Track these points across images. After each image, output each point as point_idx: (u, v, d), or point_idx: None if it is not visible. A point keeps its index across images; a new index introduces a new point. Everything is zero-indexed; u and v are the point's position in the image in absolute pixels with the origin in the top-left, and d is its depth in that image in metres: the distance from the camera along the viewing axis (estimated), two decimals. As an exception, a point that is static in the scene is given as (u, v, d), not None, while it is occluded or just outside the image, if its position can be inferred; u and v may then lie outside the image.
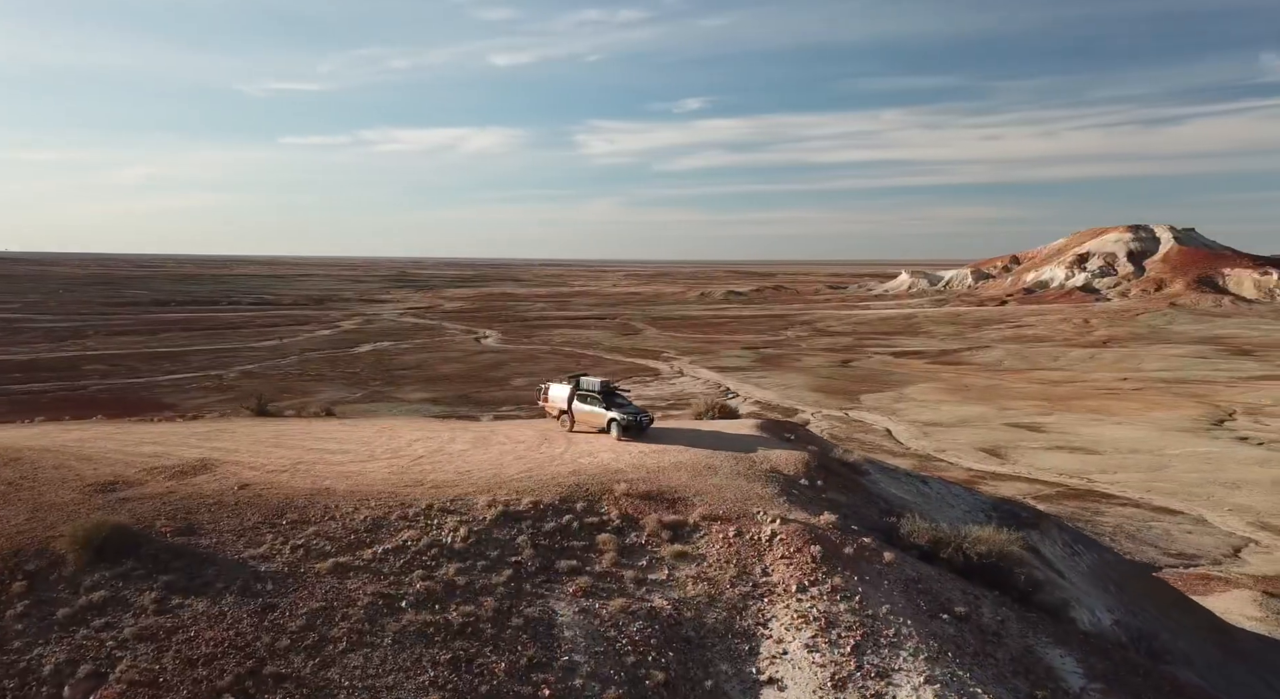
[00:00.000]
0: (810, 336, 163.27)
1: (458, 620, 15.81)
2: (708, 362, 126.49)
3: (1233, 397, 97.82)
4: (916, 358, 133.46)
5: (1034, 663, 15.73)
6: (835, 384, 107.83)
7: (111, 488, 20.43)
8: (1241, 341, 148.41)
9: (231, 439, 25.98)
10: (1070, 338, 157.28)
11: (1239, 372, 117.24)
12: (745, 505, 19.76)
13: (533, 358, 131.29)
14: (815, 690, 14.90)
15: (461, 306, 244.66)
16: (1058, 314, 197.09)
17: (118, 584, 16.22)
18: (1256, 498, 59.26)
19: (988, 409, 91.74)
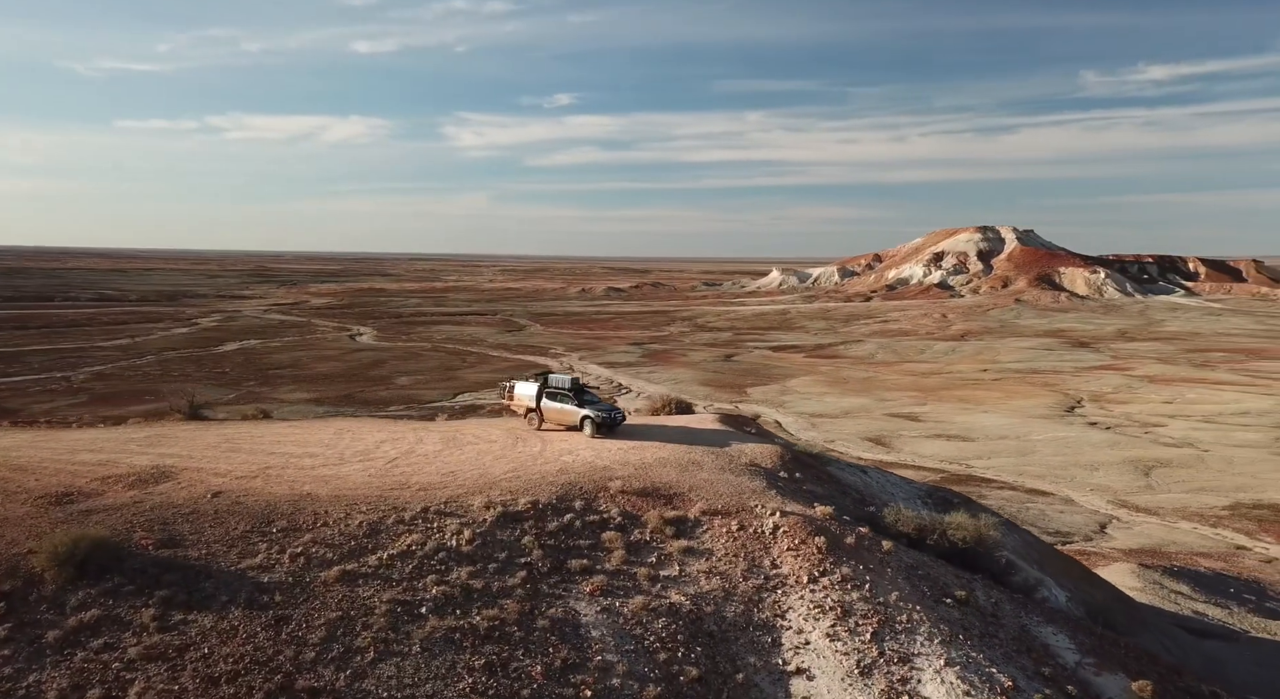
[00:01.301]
0: (692, 332, 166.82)
1: (483, 625, 15.58)
2: (597, 358, 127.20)
3: (1079, 385, 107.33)
4: (795, 352, 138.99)
5: (1031, 641, 17.04)
6: (722, 378, 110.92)
7: (67, 499, 19.19)
8: (1079, 334, 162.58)
9: (177, 445, 24.68)
10: (932, 331, 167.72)
11: (1080, 362, 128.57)
12: (740, 499, 20.07)
13: (414, 356, 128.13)
14: (843, 678, 15.36)
15: (330, 303, 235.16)
16: (918, 309, 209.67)
17: (108, 602, 15.31)
18: (1112, 478, 65.66)
19: (868, 400, 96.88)
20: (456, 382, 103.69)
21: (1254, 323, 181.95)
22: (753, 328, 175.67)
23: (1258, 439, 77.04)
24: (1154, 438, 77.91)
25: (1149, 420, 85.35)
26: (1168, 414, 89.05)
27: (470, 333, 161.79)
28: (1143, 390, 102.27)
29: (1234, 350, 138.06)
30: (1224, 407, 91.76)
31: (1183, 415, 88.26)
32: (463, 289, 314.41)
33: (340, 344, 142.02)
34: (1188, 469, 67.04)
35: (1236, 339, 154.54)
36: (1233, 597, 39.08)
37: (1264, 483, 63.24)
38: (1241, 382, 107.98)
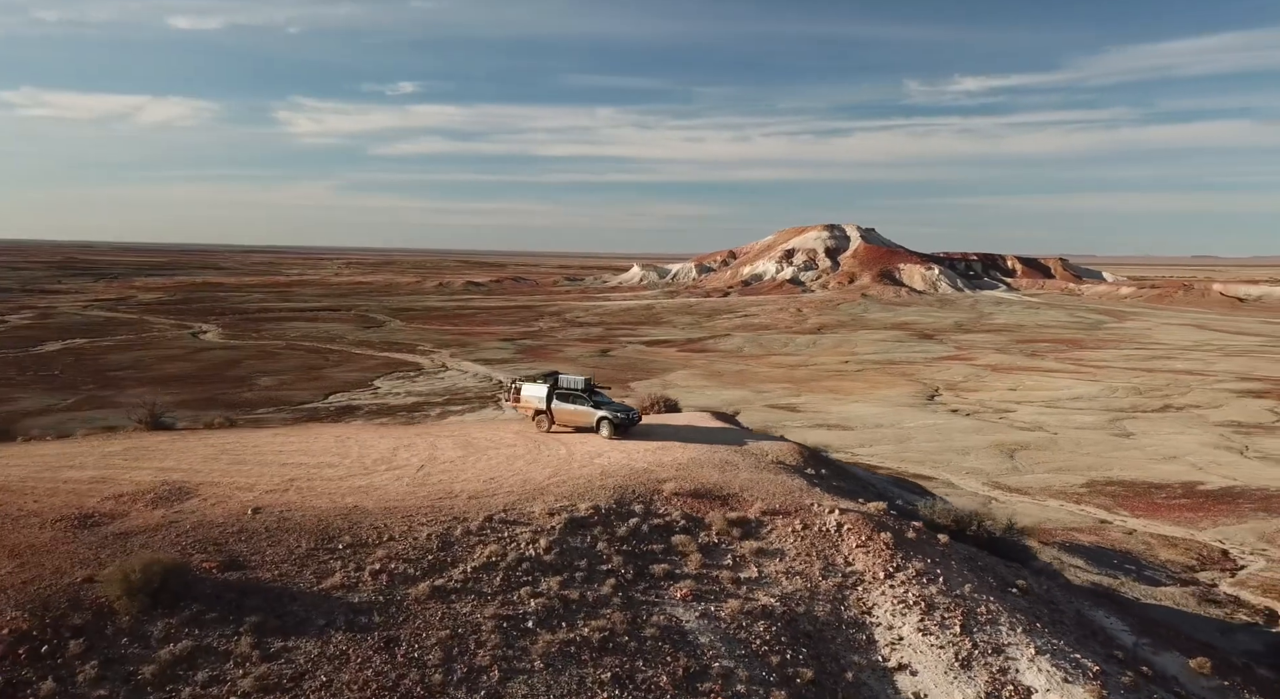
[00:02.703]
0: (563, 327, 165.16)
1: (595, 636, 15.18)
2: (470, 354, 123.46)
3: (933, 375, 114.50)
4: (668, 346, 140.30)
5: (1090, 625, 17.56)
6: (603, 374, 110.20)
7: (90, 522, 17.47)
8: (923, 327, 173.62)
9: (168, 457, 22.85)
10: (790, 325, 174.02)
11: (929, 353, 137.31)
12: (793, 498, 19.92)
13: (270, 355, 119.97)
14: (945, 671, 15.50)
15: (161, 298, 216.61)
16: (775, 304, 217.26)
17: (194, 631, 14.09)
18: (983, 461, 70.32)
19: (746, 392, 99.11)
20: (325, 381, 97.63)
21: (1067, 315, 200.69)
22: (622, 323, 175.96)
23: (1094, 421, 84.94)
24: (1009, 423, 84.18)
25: (1000, 407, 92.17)
26: (1014, 401, 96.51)
27: (327, 330, 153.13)
28: (989, 379, 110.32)
29: (1056, 341, 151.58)
30: (1060, 392, 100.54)
31: (1027, 401, 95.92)
32: (309, 283, 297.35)
33: (184, 343, 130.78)
34: (1044, 451, 72.83)
35: (1055, 330, 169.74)
36: (1116, 567, 42.65)
37: (1109, 461, 69.70)
38: (1069, 369, 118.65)
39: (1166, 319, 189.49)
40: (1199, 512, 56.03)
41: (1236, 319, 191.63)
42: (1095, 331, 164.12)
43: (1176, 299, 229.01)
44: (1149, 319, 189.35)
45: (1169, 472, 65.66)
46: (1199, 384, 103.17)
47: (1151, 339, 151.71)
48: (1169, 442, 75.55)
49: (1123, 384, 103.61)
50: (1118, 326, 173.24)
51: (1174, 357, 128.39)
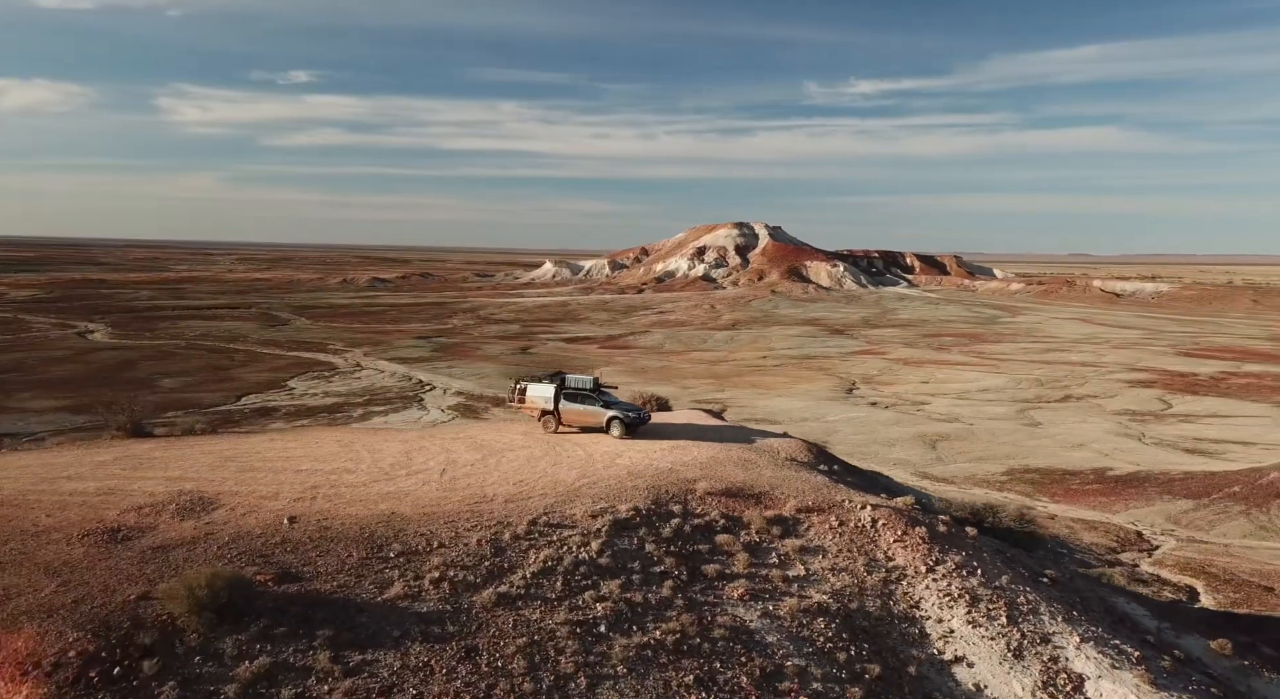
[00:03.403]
0: (479, 325, 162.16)
1: (668, 639, 15.13)
2: (384, 353, 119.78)
3: (848, 369, 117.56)
4: (588, 343, 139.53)
5: (1116, 612, 18.09)
6: (525, 371, 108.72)
7: (120, 535, 16.81)
8: (833, 322, 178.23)
9: (170, 466, 22.01)
10: (706, 322, 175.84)
11: (842, 348, 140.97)
12: (822, 494, 19.96)
13: (169, 355, 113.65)
14: (1001, 662, 15.74)
15: (38, 296, 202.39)
16: (689, 301, 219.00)
17: (268, 647, 13.61)
18: (908, 452, 72.53)
19: (672, 388, 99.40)
20: (234, 383, 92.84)
21: (965, 310, 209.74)
22: (538, 319, 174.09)
23: (1004, 412, 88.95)
24: (926, 415, 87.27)
25: (916, 399, 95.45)
26: (928, 393, 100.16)
27: (228, 328, 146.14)
28: (902, 372, 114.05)
29: (958, 335, 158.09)
30: (969, 384, 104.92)
31: (940, 394, 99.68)
32: (201, 280, 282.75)
33: (71, 343, 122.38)
34: (963, 441, 75.79)
35: (957, 325, 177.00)
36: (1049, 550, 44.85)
37: (1024, 450, 73.12)
38: (974, 362, 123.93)
39: (1055, 313, 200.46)
40: (1111, 496, 59.38)
41: (1115, 313, 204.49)
42: (993, 326, 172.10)
43: (1061, 294, 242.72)
44: (1039, 313, 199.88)
45: (1079, 459, 69.36)
46: (1094, 375, 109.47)
47: (1044, 332, 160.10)
48: (1074, 430, 79.82)
49: (1025, 376, 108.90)
50: (1012, 321, 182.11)
51: (1067, 349, 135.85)
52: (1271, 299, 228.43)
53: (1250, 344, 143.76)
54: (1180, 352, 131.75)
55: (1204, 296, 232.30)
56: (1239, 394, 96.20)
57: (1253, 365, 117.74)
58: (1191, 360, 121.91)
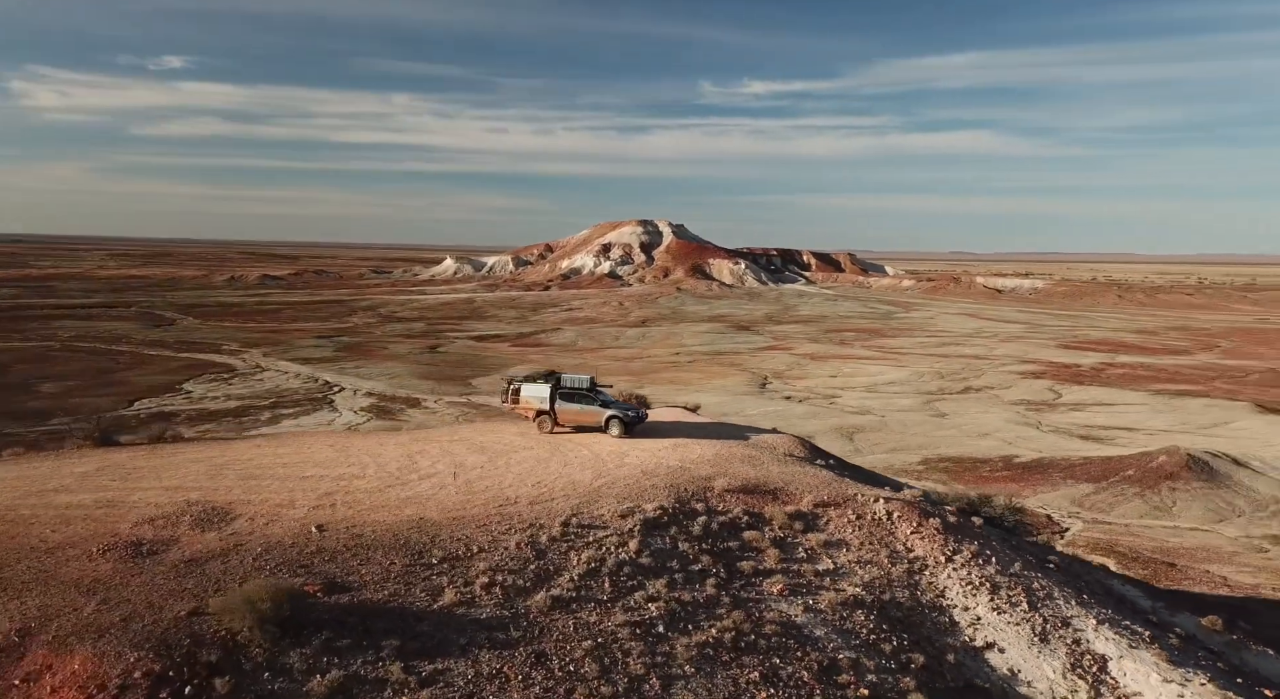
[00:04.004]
0: (382, 323, 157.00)
1: (726, 637, 15.15)
2: (285, 353, 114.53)
3: (759, 364, 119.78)
4: (499, 341, 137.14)
5: (1115, 593, 18.77)
6: (439, 371, 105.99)
7: (145, 549, 16.08)
8: (738, 319, 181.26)
9: (161, 476, 21.11)
10: (615, 319, 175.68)
11: (751, 343, 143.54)
12: (833, 488, 20.07)
13: (45, 358, 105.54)
14: (1030, 646, 16.15)
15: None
16: (597, 298, 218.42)
17: (335, 660, 13.17)
18: (828, 444, 73.18)
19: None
20: (124, 387, 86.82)
21: (862, 306, 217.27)
22: (444, 317, 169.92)
23: (912, 404, 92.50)
24: (840, 408, 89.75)
25: (827, 393, 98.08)
26: (837, 387, 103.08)
27: (107, 329, 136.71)
28: (810, 367, 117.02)
29: (859, 330, 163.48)
30: (876, 378, 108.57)
31: (849, 387, 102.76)
32: (70, 277, 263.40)
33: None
34: (878, 432, 78.30)
35: (855, 320, 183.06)
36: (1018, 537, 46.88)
37: (935, 440, 76.06)
38: (877, 356, 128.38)
39: (944, 309, 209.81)
40: (1019, 482, 62.43)
41: (999, 308, 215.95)
42: (889, 321, 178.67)
43: (949, 291, 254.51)
44: (930, 309, 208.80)
45: (987, 447, 72.71)
46: (988, 367, 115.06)
47: (938, 327, 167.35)
48: (978, 420, 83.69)
49: (926, 369, 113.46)
50: (907, 316, 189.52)
51: (961, 343, 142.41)
52: (1133, 295, 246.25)
53: (1120, 337, 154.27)
54: (1061, 344, 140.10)
55: (1075, 293, 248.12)
56: (1118, 383, 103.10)
57: (1125, 357, 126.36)
58: (1073, 352, 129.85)
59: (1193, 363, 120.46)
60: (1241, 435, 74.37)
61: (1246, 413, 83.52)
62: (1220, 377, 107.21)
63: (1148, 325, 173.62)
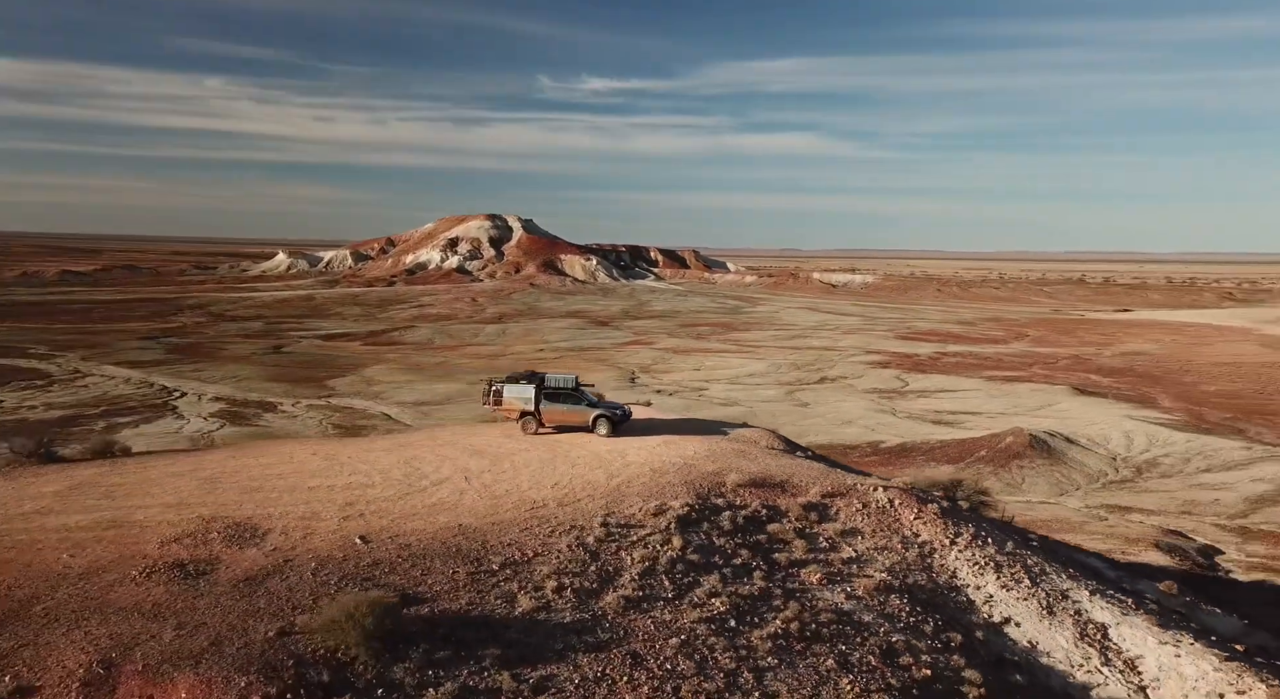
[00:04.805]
0: (213, 323, 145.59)
1: (793, 627, 15.46)
2: (107, 357, 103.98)
3: (625, 359, 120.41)
4: (348, 340, 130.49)
5: (1088, 566, 19.92)
6: (290, 372, 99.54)
7: (193, 570, 15.30)
8: (595, 314, 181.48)
9: (150, 492, 19.87)
10: (471, 315, 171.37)
11: (612, 339, 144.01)
12: (832, 479, 20.63)
13: None
14: (1041, 618, 17.03)
15: None
16: (448, 294, 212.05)
17: (441, 672, 12.88)
18: (707, 436, 76.09)
19: (460, 385, 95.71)
20: (-87, 401, 74.50)
21: (711, 302, 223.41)
22: (283, 315, 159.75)
23: (775, 394, 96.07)
24: (708, 400, 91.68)
25: (694, 386, 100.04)
26: (703, 379, 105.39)
27: None
28: (674, 361, 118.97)
29: (712, 324, 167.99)
30: (737, 370, 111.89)
31: (714, 380, 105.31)
32: None
33: None
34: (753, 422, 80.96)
35: (707, 315, 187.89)
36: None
37: (804, 429, 79.01)
38: (734, 350, 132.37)
39: (786, 303, 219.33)
40: (888, 466, 66.15)
41: (835, 302, 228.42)
42: (738, 315, 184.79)
43: (789, 286, 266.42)
44: (774, 303, 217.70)
45: (853, 434, 76.60)
46: (839, 358, 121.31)
47: (784, 321, 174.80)
48: (839, 408, 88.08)
49: (782, 361, 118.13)
50: (753, 311, 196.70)
51: (808, 335, 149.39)
52: (950, 289, 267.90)
53: (945, 328, 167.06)
54: (898, 335, 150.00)
55: (901, 287, 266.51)
56: (954, 371, 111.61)
57: (954, 346, 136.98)
58: (909, 343, 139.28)
59: (1011, 351, 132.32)
60: (1066, 416, 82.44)
61: (1066, 396, 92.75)
62: (1036, 363, 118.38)
63: (966, 317, 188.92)
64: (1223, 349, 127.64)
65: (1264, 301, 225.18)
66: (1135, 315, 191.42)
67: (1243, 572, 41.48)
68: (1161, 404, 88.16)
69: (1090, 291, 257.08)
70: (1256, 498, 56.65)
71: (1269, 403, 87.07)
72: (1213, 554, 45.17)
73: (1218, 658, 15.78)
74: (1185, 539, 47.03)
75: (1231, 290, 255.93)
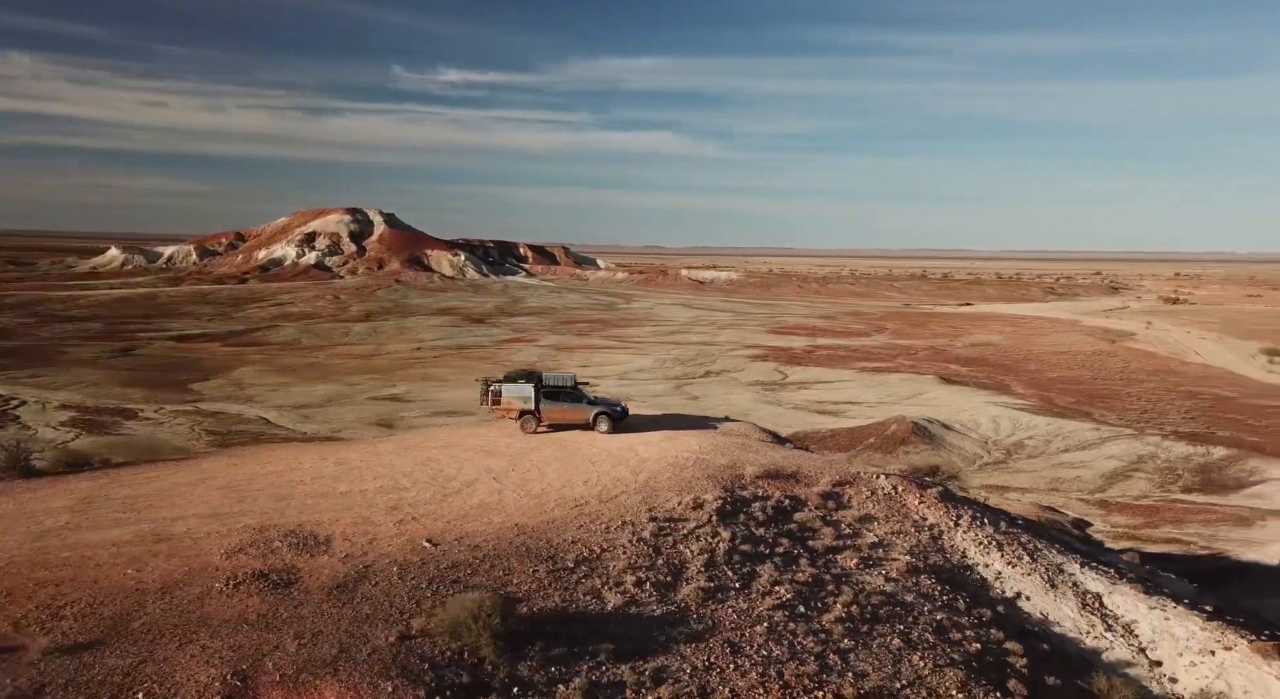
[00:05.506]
0: (43, 324, 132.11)
1: (854, 611, 16.02)
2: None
3: (509, 357, 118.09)
4: (205, 341, 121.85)
5: (1065, 541, 21.03)
6: (145, 376, 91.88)
7: (272, 581, 15.03)
8: (469, 311, 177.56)
9: (176, 504, 19.20)
10: (335, 314, 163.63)
11: (492, 336, 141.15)
12: (838, 468, 21.63)
13: None
14: (1045, 592, 18.31)
15: None
16: (308, 291, 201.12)
17: (563, 669, 13.15)
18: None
19: (337, 386, 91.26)
20: None
21: (585, 298, 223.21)
22: (125, 316, 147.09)
23: (665, 389, 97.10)
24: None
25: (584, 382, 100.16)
26: (593, 375, 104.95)
27: None
28: (561, 358, 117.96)
29: (590, 321, 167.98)
30: (625, 366, 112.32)
31: (604, 376, 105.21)
32: None
33: None
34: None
35: (584, 312, 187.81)
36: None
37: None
38: (617, 346, 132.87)
39: (659, 300, 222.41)
40: (786, 455, 68.74)
41: (705, 299, 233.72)
42: (614, 312, 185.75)
43: (659, 283, 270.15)
44: (647, 300, 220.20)
45: (748, 426, 78.97)
46: (719, 353, 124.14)
47: (660, 317, 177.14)
48: (728, 401, 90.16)
49: (666, 356, 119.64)
50: (629, 307, 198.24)
51: (686, 331, 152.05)
52: (809, 285, 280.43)
53: (811, 322, 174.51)
54: (769, 330, 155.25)
55: (764, 284, 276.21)
56: (828, 363, 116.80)
57: (823, 339, 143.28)
58: (781, 337, 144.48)
59: (875, 343, 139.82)
60: (937, 404, 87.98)
61: (934, 384, 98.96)
62: (900, 354, 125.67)
63: (828, 311, 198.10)
64: (1056, 339, 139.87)
65: (1080, 296, 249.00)
66: (976, 309, 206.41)
67: (1111, 541, 45.64)
68: (1015, 391, 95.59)
69: (933, 287, 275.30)
70: (1111, 474, 62.44)
71: (1104, 387, 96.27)
72: (1084, 526, 49.44)
73: (1201, 618, 17.45)
74: (1059, 514, 51.24)
75: (1053, 285, 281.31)
